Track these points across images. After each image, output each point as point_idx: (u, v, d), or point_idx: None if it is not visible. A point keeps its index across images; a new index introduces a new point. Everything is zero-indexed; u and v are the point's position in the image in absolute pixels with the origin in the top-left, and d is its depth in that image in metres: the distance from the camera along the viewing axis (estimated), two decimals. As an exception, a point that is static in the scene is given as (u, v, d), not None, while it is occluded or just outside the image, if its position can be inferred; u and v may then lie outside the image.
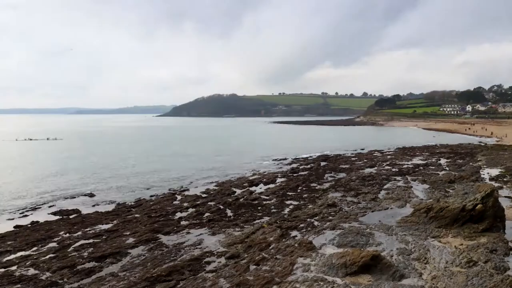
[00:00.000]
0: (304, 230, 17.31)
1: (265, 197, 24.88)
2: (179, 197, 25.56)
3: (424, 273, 12.10)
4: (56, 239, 16.81)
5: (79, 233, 17.69)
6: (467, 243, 14.58)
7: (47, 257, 14.59)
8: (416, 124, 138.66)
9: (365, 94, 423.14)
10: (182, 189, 28.54)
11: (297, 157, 47.48)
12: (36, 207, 23.24)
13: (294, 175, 33.89)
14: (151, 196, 26.27)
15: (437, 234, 15.74)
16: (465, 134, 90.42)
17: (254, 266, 13.05)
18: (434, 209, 17.26)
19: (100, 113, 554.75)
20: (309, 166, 39.45)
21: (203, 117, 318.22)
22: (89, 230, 18.09)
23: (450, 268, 12.32)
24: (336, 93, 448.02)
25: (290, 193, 26.01)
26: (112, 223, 19.31)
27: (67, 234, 17.45)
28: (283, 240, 15.68)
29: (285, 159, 46.10)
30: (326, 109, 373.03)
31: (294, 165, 40.39)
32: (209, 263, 13.72)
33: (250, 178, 32.73)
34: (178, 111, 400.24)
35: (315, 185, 28.92)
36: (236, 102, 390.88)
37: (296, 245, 14.70)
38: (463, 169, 34.25)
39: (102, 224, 19.15)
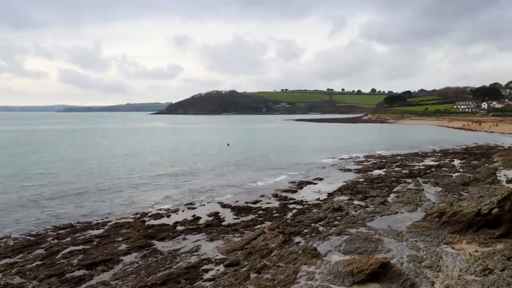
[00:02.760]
0: (308, 236, 17.32)
1: (267, 201, 24.88)
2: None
3: (436, 281, 12.09)
4: (43, 245, 16.81)
5: (68, 239, 17.71)
6: (482, 249, 14.56)
7: (34, 264, 14.61)
8: (422, 122, 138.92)
9: (373, 90, 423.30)
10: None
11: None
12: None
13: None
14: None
15: (450, 240, 15.73)
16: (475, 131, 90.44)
17: (255, 274, 13.06)
18: (447, 214, 17.24)
19: (90, 111, 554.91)
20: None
21: (200, 115, 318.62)
22: (79, 236, 18.11)
23: (464, 276, 12.31)
24: (343, 89, 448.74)
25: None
26: (103, 228, 19.33)
27: (55, 240, 17.47)
28: (286, 246, 15.68)
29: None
30: (331, 106, 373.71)
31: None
32: (207, 271, 13.73)
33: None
34: (174, 108, 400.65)
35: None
36: (235, 99, 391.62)
37: (299, 252, 14.71)
38: (478, 171, 34.25)
39: (93, 229, 19.16)
